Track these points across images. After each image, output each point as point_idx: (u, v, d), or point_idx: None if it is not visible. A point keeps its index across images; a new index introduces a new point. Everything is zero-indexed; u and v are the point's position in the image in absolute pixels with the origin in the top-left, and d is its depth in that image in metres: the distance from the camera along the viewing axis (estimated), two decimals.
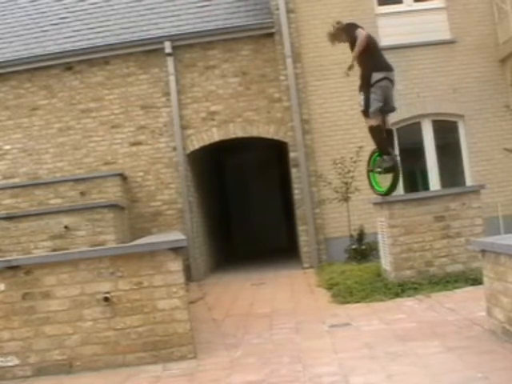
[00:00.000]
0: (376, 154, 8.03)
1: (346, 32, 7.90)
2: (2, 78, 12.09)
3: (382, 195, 8.04)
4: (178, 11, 12.62)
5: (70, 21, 12.79)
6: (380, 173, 7.97)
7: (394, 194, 10.23)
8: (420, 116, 11.77)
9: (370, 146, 11.34)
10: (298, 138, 11.52)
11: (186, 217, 11.66)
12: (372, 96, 7.58)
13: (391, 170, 7.73)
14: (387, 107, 7.75)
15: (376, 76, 7.58)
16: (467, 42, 11.72)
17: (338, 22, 8.11)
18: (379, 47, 8.09)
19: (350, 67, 7.66)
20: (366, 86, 7.67)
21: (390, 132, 8.07)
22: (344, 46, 8.12)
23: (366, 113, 7.73)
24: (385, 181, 8.12)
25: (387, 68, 7.74)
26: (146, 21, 12.43)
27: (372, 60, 7.67)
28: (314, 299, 7.91)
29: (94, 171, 11.68)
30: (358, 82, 7.87)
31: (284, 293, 8.70)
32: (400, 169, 7.90)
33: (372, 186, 8.25)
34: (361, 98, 7.73)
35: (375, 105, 7.59)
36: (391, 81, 7.75)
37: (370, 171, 8.19)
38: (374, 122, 7.66)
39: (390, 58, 7.55)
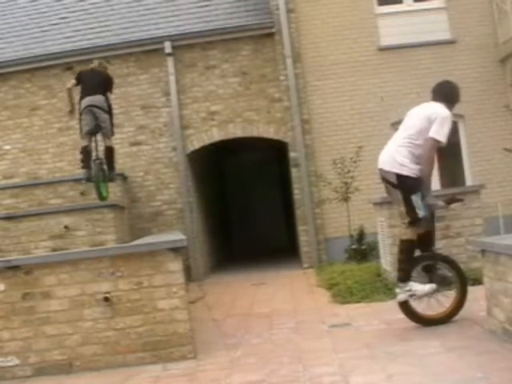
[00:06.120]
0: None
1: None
2: (2, 77, 12.08)
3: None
4: (178, 11, 12.61)
5: (70, 21, 12.79)
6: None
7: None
8: None
9: (370, 145, 11.42)
10: (297, 138, 11.52)
11: (186, 217, 11.66)
12: (82, 122, 8.73)
13: (88, 180, 8.88)
14: (95, 129, 8.72)
15: (82, 104, 8.66)
16: (467, 41, 11.71)
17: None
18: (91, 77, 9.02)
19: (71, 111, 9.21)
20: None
21: (108, 149, 9.00)
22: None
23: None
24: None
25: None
26: (146, 21, 12.43)
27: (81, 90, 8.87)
28: (314, 299, 7.91)
29: None
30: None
31: (284, 293, 8.70)
32: (99, 179, 8.77)
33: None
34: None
35: (84, 128, 8.68)
36: (95, 106, 8.64)
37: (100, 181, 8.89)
38: (83, 142, 8.84)
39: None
